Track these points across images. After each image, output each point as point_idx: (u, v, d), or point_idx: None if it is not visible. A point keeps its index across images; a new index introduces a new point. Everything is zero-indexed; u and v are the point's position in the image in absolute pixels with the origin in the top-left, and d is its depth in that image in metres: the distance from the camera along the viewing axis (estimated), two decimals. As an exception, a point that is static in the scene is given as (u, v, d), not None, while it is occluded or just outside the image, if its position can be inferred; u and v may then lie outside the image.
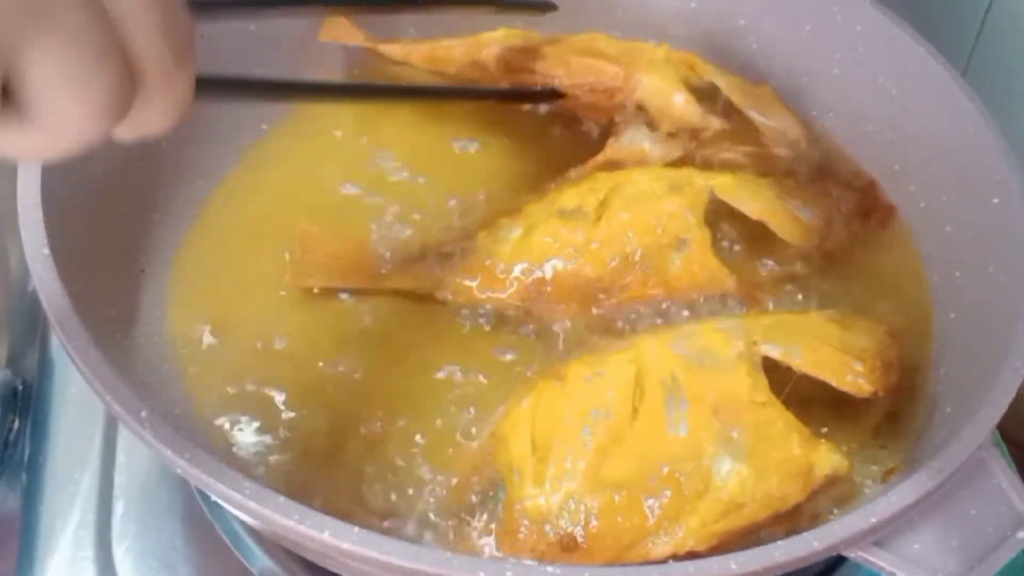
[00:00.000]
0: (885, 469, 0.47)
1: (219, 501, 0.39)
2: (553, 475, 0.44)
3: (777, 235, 0.54)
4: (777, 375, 0.47)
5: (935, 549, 0.41)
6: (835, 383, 0.48)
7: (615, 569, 0.41)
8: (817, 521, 0.45)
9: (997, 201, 0.53)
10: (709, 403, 0.45)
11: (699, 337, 0.48)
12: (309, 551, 0.42)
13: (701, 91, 0.60)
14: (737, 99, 0.60)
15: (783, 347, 0.48)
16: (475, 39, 0.62)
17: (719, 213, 0.55)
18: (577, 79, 0.61)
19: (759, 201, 0.54)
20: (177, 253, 0.54)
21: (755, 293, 0.53)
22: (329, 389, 0.50)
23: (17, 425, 0.58)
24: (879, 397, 0.49)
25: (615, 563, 0.43)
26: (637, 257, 0.53)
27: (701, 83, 0.61)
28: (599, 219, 0.53)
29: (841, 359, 0.48)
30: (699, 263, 0.53)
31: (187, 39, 0.33)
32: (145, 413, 0.40)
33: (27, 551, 0.53)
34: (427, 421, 0.49)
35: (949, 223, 0.56)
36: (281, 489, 0.38)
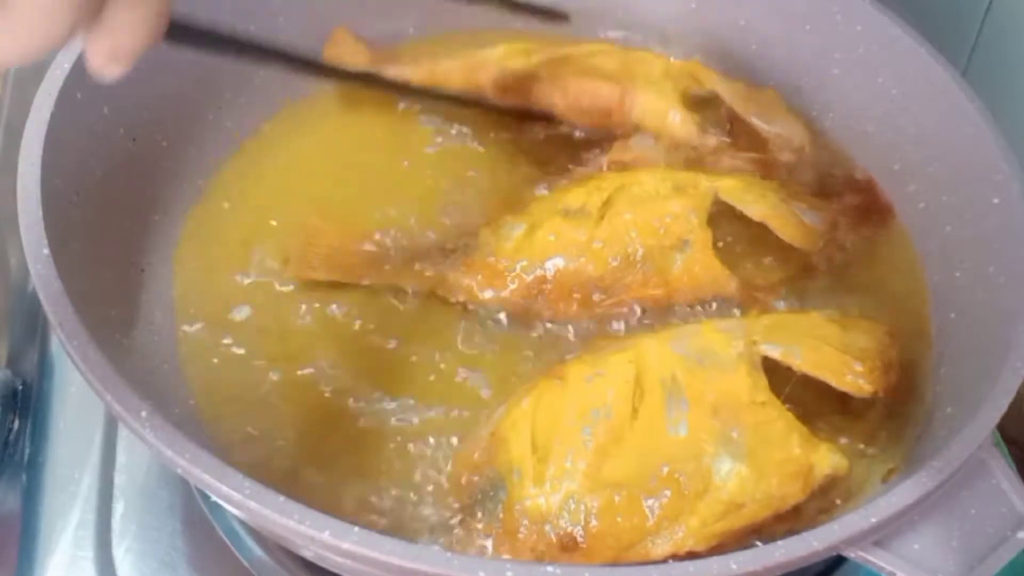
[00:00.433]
0: (885, 469, 0.47)
1: (219, 501, 0.39)
2: (553, 475, 0.44)
3: (780, 238, 0.54)
4: (777, 375, 0.47)
5: (935, 549, 0.41)
6: (835, 383, 0.48)
7: (615, 569, 0.41)
8: (817, 521, 0.44)
9: (997, 201, 0.53)
10: (709, 403, 0.45)
11: (699, 337, 0.48)
12: (309, 551, 0.42)
13: (703, 100, 0.60)
14: (740, 107, 0.60)
15: (783, 347, 0.48)
16: (473, 62, 0.62)
17: (722, 215, 0.55)
18: (574, 103, 0.60)
19: (762, 204, 0.54)
20: (177, 252, 0.54)
21: (756, 295, 0.53)
22: (329, 387, 0.50)
23: (17, 425, 0.58)
24: (879, 397, 0.49)
25: (615, 563, 0.43)
26: (639, 257, 0.53)
27: (703, 92, 0.61)
28: (602, 218, 0.53)
29: (841, 359, 0.48)
30: (701, 264, 0.53)
31: None
32: (145, 413, 0.40)
33: (27, 551, 0.53)
34: (427, 420, 0.49)
35: (949, 223, 0.56)
36: (281, 489, 0.38)
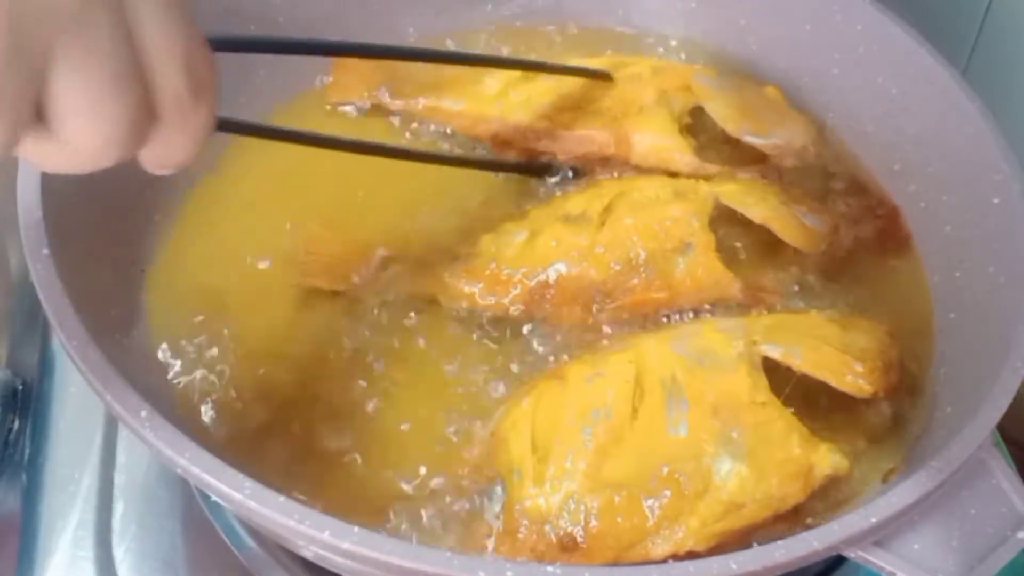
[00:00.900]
0: (885, 469, 0.47)
1: (219, 501, 0.39)
2: (553, 475, 0.44)
3: (782, 240, 0.54)
4: (777, 375, 0.47)
5: (935, 549, 0.41)
6: (835, 383, 0.48)
7: (615, 569, 0.41)
8: (817, 521, 0.45)
9: (997, 201, 0.53)
10: (709, 403, 0.45)
11: (699, 337, 0.48)
12: (309, 551, 0.42)
13: (701, 114, 0.60)
14: (733, 128, 0.59)
15: (783, 347, 0.48)
16: (474, 113, 0.61)
17: (724, 218, 0.55)
18: (572, 152, 0.60)
19: (763, 206, 0.54)
20: (177, 252, 0.54)
21: (759, 296, 0.53)
22: (330, 390, 0.50)
23: (17, 425, 0.58)
24: (879, 397, 0.49)
25: (615, 563, 0.43)
26: (641, 260, 0.53)
27: (698, 107, 0.60)
28: (603, 223, 0.53)
29: (841, 359, 0.48)
30: (703, 267, 0.53)
31: (207, 76, 0.33)
32: (145, 413, 0.40)
33: (27, 551, 0.53)
34: (428, 422, 0.49)
35: (949, 223, 0.56)
36: (281, 488, 0.38)
